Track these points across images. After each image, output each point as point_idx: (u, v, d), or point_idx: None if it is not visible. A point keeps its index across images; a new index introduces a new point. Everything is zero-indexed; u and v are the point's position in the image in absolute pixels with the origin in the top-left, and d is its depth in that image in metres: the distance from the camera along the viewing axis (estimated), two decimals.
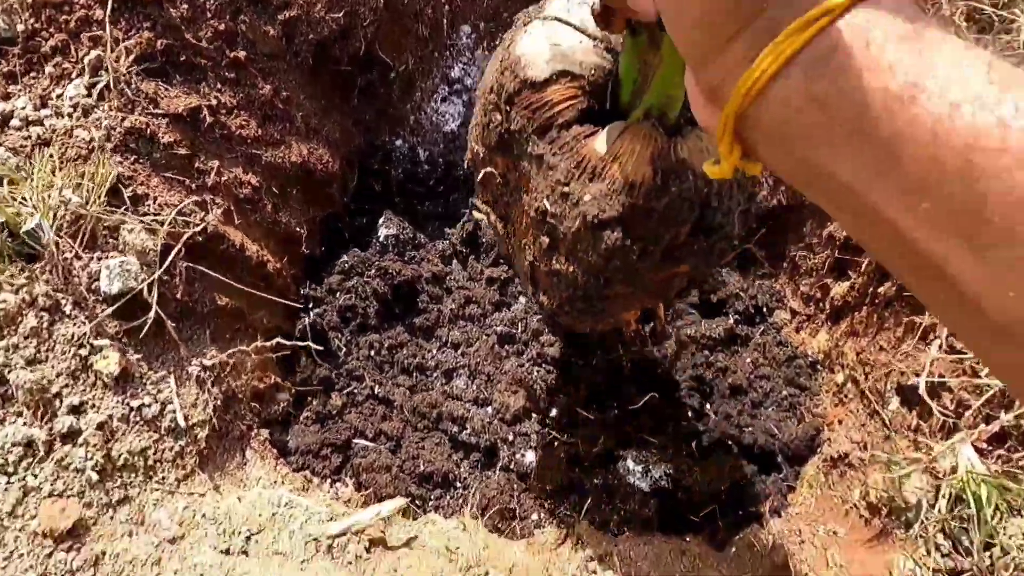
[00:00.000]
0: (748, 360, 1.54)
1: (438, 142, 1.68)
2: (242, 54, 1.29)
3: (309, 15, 1.40)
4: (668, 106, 0.79)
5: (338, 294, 1.51)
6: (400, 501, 1.18)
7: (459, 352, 1.53)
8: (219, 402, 1.17)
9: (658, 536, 1.25)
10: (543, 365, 1.48)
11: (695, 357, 1.53)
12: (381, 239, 1.62)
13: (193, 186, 1.21)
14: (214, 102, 1.25)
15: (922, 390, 1.09)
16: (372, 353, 1.50)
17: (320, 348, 1.42)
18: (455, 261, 1.63)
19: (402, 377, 1.50)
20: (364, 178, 1.68)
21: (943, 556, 1.01)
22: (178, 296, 1.14)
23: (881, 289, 1.29)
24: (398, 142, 1.70)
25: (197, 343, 1.19)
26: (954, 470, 1.01)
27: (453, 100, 1.62)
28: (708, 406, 1.49)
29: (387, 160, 1.69)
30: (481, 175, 1.00)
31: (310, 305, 1.49)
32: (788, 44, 0.35)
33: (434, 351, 1.53)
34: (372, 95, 1.61)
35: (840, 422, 1.35)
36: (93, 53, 1.12)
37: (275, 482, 1.21)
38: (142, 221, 1.09)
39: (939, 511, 1.03)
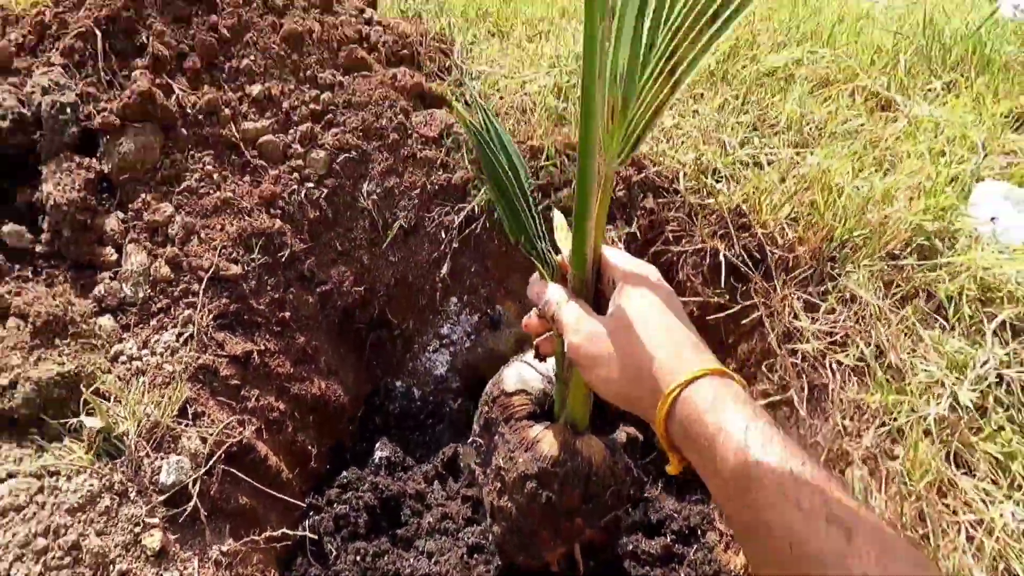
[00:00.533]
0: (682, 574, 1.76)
1: (429, 384, 2.11)
2: (287, 315, 1.78)
3: (340, 289, 1.92)
4: (576, 419, 1.37)
5: (335, 504, 1.81)
6: None
7: (433, 561, 1.78)
8: None
9: None
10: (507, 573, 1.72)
11: (636, 573, 1.76)
12: (376, 460, 1.96)
13: (237, 408, 1.61)
14: (263, 347, 1.70)
15: None
16: (358, 558, 1.75)
17: (314, 550, 1.69)
18: (436, 482, 1.95)
19: None
20: (369, 412, 2.08)
21: None
22: (212, 493, 1.48)
23: None
24: (398, 383, 2.13)
25: (219, 534, 1.48)
26: None
27: (442, 351, 2.08)
28: None
29: (387, 398, 2.11)
30: (475, 443, 1.55)
31: (311, 512, 1.78)
32: (668, 400, 0.74)
33: (411, 559, 1.78)
34: (380, 348, 2.08)
35: None
36: (186, 312, 1.61)
37: None
38: (198, 432, 1.48)
39: None
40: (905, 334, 1.52)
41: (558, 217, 1.29)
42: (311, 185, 1.89)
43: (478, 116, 1.26)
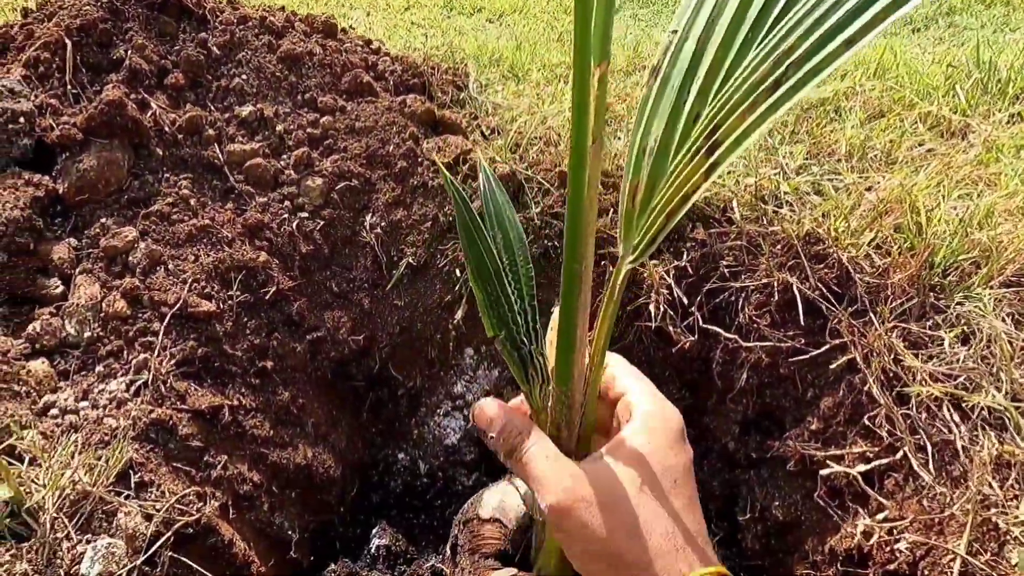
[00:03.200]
0: None
1: (439, 455, 1.76)
2: (270, 364, 1.47)
3: (334, 336, 1.61)
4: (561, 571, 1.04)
5: None
6: None
7: None
8: None
9: None
10: None
11: None
12: (372, 550, 1.58)
13: (197, 477, 1.26)
14: (236, 402, 1.38)
15: None
16: None
17: None
18: None
19: None
20: (364, 490, 1.71)
21: None
22: None
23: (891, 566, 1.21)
24: (400, 455, 1.77)
25: None
26: None
27: (455, 415, 1.74)
28: None
29: (388, 472, 1.75)
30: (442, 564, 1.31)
31: None
32: None
33: None
34: (380, 410, 1.74)
35: None
36: (142, 356, 1.29)
37: None
38: (141, 506, 1.12)
39: None
40: None
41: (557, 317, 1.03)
42: (305, 215, 1.62)
43: (480, 174, 1.04)
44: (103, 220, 1.44)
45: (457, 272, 1.67)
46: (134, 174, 1.52)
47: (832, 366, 1.39)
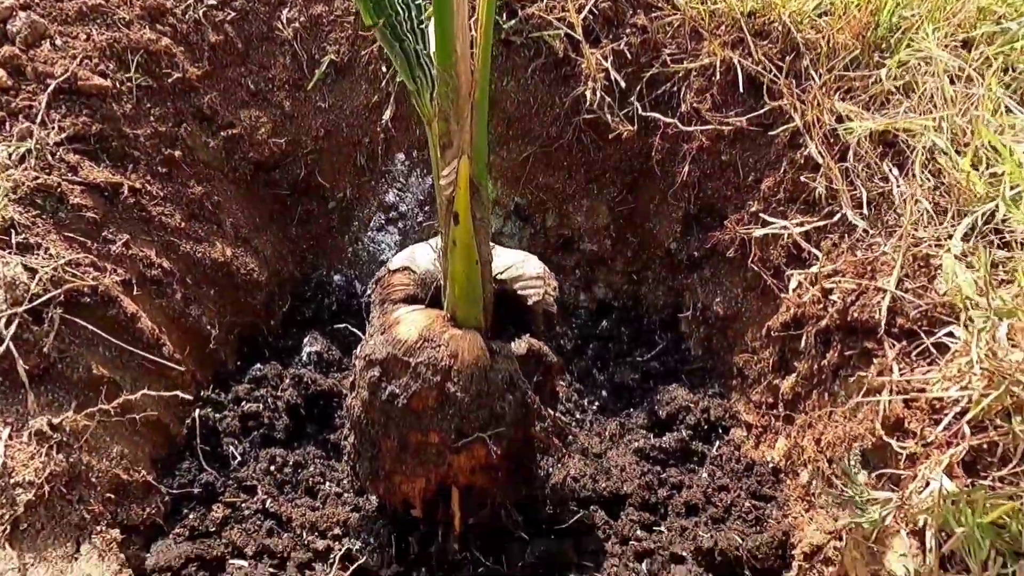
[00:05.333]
0: (704, 474, 1.34)
1: (374, 272, 1.68)
2: (178, 154, 1.37)
3: (252, 137, 1.51)
4: (460, 312, 1.06)
5: (244, 402, 1.37)
6: None
7: None
8: (59, 470, 0.98)
9: None
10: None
11: (646, 475, 1.33)
12: (304, 357, 1.53)
13: (95, 249, 1.18)
14: (138, 186, 1.28)
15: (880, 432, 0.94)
16: (273, 468, 1.31)
17: (208, 451, 1.25)
18: None
19: (305, 498, 1.29)
20: (298, 305, 1.65)
21: None
22: (44, 350, 1.04)
23: (825, 360, 1.19)
24: (335, 276, 1.70)
25: (56, 407, 1.04)
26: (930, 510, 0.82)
27: (389, 229, 1.67)
28: (661, 524, 1.26)
29: (321, 290, 1.68)
30: None
31: (209, 408, 1.34)
32: None
33: (344, 477, 1.34)
34: (310, 224, 1.66)
35: (810, 521, 1.13)
36: (25, 125, 1.18)
37: None
38: (22, 260, 1.04)
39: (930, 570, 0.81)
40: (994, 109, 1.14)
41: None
42: (212, 3, 1.48)
43: None
44: None
45: (383, 69, 1.56)
46: None
47: (775, 138, 1.33)
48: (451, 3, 0.86)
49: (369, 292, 1.22)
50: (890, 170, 1.17)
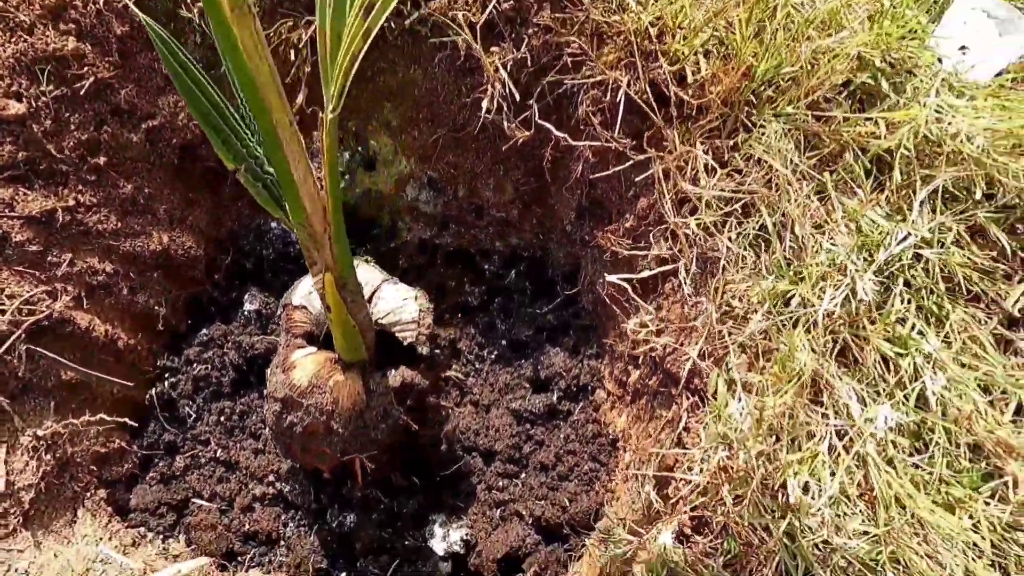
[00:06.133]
0: (562, 436, 1.71)
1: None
2: (103, 160, 1.49)
3: (174, 123, 1.60)
4: (344, 353, 1.33)
5: (195, 364, 1.69)
6: (202, 560, 1.35)
7: None
8: (51, 467, 1.34)
9: None
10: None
11: (517, 433, 1.70)
12: (246, 313, 1.80)
13: (44, 277, 1.40)
14: (72, 203, 1.44)
15: (649, 488, 1.26)
16: (223, 419, 1.68)
17: (169, 415, 1.60)
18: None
19: (250, 441, 1.67)
20: (239, 257, 1.87)
21: None
22: (19, 374, 1.33)
23: (650, 382, 1.47)
24: (272, 224, 1.89)
25: (38, 414, 1.36)
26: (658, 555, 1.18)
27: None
28: (522, 476, 1.66)
29: (259, 240, 1.89)
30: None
31: (166, 375, 1.66)
32: None
33: None
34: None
35: (619, 499, 1.51)
36: None
37: (101, 539, 1.38)
38: None
39: None
40: (822, 201, 1.27)
41: None
42: None
43: None
44: None
45: (292, 54, 1.59)
46: None
47: (643, 176, 1.44)
48: (292, 177, 1.00)
49: (279, 310, 1.49)
50: (725, 237, 1.33)
